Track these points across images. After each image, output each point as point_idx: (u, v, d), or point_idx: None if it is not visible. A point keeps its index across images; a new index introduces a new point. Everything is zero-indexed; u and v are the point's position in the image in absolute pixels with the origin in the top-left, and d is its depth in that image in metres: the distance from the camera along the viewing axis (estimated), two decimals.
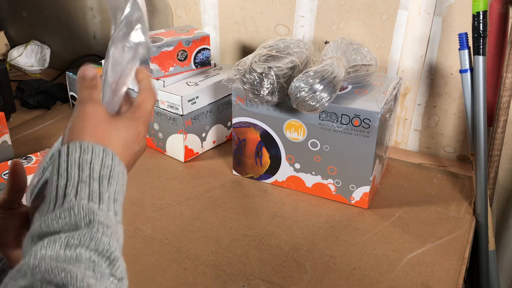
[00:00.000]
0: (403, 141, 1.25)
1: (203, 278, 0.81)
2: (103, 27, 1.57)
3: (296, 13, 1.23)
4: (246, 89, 0.93)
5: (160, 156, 1.17)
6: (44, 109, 1.41)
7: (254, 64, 0.92)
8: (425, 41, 1.11)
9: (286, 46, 0.96)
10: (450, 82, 1.13)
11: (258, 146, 1.04)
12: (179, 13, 1.41)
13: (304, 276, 0.82)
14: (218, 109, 1.17)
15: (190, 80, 1.17)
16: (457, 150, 1.19)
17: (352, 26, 1.18)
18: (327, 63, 0.89)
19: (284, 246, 0.88)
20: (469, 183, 1.08)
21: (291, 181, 1.04)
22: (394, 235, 0.92)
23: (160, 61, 1.12)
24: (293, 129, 0.98)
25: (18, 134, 1.26)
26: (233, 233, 0.91)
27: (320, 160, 0.98)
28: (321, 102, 0.86)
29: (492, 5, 0.96)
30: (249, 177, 1.09)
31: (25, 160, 1.03)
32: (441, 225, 0.94)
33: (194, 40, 1.16)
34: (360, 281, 0.81)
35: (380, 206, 1.00)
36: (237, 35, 1.35)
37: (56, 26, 1.66)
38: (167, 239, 0.89)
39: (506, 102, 0.95)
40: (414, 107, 1.19)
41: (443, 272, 0.83)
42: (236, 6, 1.31)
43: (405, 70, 1.16)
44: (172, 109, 1.10)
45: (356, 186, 0.97)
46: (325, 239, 0.90)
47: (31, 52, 1.64)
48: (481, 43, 0.90)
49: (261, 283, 0.80)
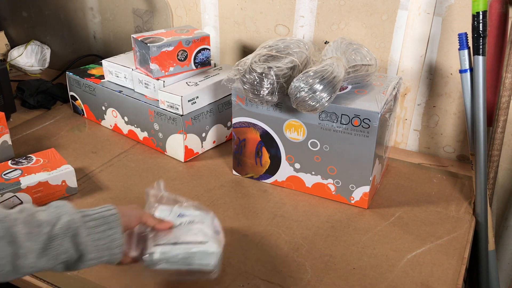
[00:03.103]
0: (403, 141, 1.25)
1: (203, 278, 0.81)
2: (103, 27, 1.57)
3: (296, 13, 1.23)
4: (246, 89, 0.93)
5: (160, 156, 1.17)
6: (44, 109, 1.41)
7: (254, 64, 0.92)
8: (425, 41, 1.11)
9: (286, 46, 0.96)
10: (450, 82, 1.13)
11: (258, 146, 1.04)
12: (179, 13, 1.41)
13: (304, 276, 0.82)
14: (218, 109, 1.17)
15: (190, 80, 1.17)
16: (457, 150, 1.19)
17: (352, 26, 1.18)
18: (327, 63, 0.89)
19: (284, 246, 0.89)
20: (469, 183, 1.09)
21: (291, 181, 1.04)
22: (394, 235, 0.92)
23: (160, 61, 1.12)
24: (293, 129, 0.98)
25: (18, 134, 1.26)
26: (233, 233, 0.91)
27: (320, 160, 0.98)
28: (321, 102, 0.87)
29: (492, 5, 0.96)
30: (249, 177, 1.09)
31: (25, 160, 1.03)
32: (441, 225, 0.95)
33: (194, 40, 1.16)
34: (360, 281, 0.81)
35: (380, 206, 1.00)
36: (237, 35, 1.35)
37: (56, 26, 1.66)
38: None
39: (506, 102, 0.95)
40: (414, 107, 1.19)
41: (443, 272, 0.83)
42: (236, 6, 1.31)
43: (405, 70, 1.16)
44: (172, 109, 1.10)
45: (356, 186, 0.97)
46: (325, 239, 0.90)
47: (31, 52, 1.64)
48: (481, 43, 0.90)
49: (261, 283, 0.80)
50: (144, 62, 1.15)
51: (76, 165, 1.11)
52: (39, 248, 0.57)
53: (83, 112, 1.35)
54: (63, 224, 0.59)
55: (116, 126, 1.27)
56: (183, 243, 0.70)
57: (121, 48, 1.55)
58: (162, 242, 0.70)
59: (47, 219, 0.59)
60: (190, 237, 0.71)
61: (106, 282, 0.80)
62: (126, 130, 1.25)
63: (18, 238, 0.55)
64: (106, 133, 1.28)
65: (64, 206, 0.62)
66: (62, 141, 1.23)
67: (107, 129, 1.30)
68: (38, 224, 0.58)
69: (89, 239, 0.61)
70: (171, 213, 0.76)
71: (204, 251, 0.70)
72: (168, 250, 0.69)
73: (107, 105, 1.26)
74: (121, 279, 0.80)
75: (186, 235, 0.72)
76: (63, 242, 0.59)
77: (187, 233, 0.72)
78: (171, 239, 0.71)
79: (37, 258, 0.57)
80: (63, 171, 1.00)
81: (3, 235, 0.55)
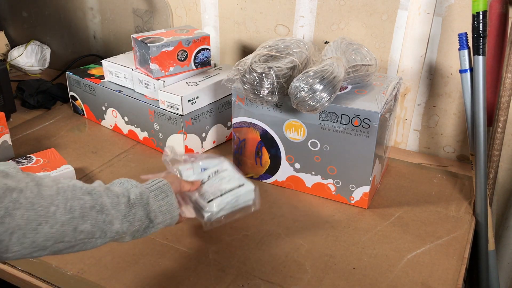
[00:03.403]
0: (403, 141, 1.25)
1: (203, 278, 0.81)
2: (103, 27, 1.57)
3: (296, 13, 1.23)
4: (246, 89, 0.93)
5: (160, 156, 1.17)
6: (44, 109, 1.41)
7: (254, 64, 0.92)
8: (425, 41, 1.11)
9: (286, 46, 0.96)
10: (450, 82, 1.13)
11: (258, 146, 1.04)
12: (179, 13, 1.41)
13: (304, 276, 0.82)
14: (218, 109, 1.17)
15: (190, 80, 1.17)
16: (457, 150, 1.19)
17: (352, 26, 1.18)
18: (327, 63, 0.90)
19: (284, 246, 0.89)
20: (469, 183, 1.09)
21: (291, 181, 1.04)
22: (394, 235, 0.92)
23: (160, 61, 1.12)
24: (293, 129, 0.98)
25: (18, 134, 1.26)
26: (233, 233, 0.91)
27: (320, 160, 0.98)
28: (321, 102, 0.87)
29: (492, 5, 0.96)
30: (249, 177, 1.09)
31: (25, 160, 1.03)
32: (441, 225, 0.95)
33: (194, 40, 1.16)
34: (360, 281, 0.81)
35: (380, 206, 1.00)
36: (237, 35, 1.35)
37: (56, 26, 1.66)
38: (167, 239, 0.89)
39: (506, 102, 0.95)
40: (414, 107, 1.19)
41: (443, 272, 0.83)
42: (236, 6, 1.31)
43: (405, 70, 1.16)
44: (172, 109, 1.10)
45: (356, 186, 0.97)
46: (325, 239, 0.90)
47: (31, 52, 1.64)
48: (481, 43, 0.90)
49: (261, 283, 0.80)
50: (144, 62, 1.15)
51: (76, 165, 1.11)
52: (122, 215, 0.65)
53: (83, 112, 1.35)
54: (136, 195, 0.68)
55: (116, 126, 1.27)
56: (227, 191, 0.84)
57: (121, 48, 1.55)
58: (212, 197, 0.83)
59: (121, 192, 0.67)
60: (229, 185, 0.85)
61: (106, 282, 0.80)
62: (126, 130, 1.25)
63: (105, 207, 0.63)
64: (106, 133, 1.28)
65: (128, 182, 0.71)
66: (62, 141, 1.23)
67: (107, 129, 1.30)
68: (116, 195, 0.66)
69: (156, 206, 0.71)
70: (194, 171, 0.89)
71: (245, 191, 0.85)
72: (220, 202, 0.82)
73: (107, 105, 1.26)
74: (121, 279, 0.80)
75: (224, 184, 0.86)
76: (138, 211, 0.68)
77: (222, 182, 0.86)
78: (216, 192, 0.84)
79: (120, 224, 0.65)
80: (63, 171, 1.00)
81: (93, 205, 0.62)
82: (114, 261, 0.84)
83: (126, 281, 0.80)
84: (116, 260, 0.84)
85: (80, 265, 0.83)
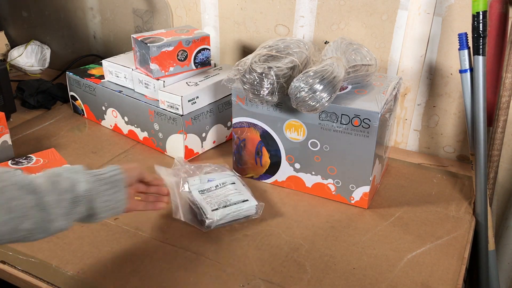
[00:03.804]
0: (403, 141, 1.25)
1: (203, 278, 0.81)
2: (103, 27, 1.57)
3: (296, 13, 1.23)
4: (246, 89, 0.93)
5: (160, 156, 1.17)
6: (44, 109, 1.41)
7: (254, 64, 0.92)
8: (425, 41, 1.11)
9: (286, 46, 0.96)
10: (450, 82, 1.13)
11: (258, 146, 1.04)
12: (179, 13, 1.41)
13: (304, 276, 0.82)
14: (218, 109, 1.17)
15: (190, 80, 1.17)
16: (457, 150, 1.19)
17: (352, 26, 1.18)
18: (327, 63, 0.90)
19: (284, 246, 0.89)
20: (469, 183, 1.09)
21: (291, 181, 1.04)
22: (394, 235, 0.92)
23: (160, 61, 1.12)
24: (293, 129, 0.98)
25: (18, 134, 1.26)
26: (233, 233, 0.91)
27: (320, 160, 0.98)
28: (321, 102, 0.87)
29: (492, 5, 0.96)
30: (249, 177, 1.09)
31: (25, 160, 1.03)
32: (441, 225, 0.95)
33: (194, 40, 1.16)
34: (360, 281, 0.81)
35: (380, 206, 1.00)
36: (237, 35, 1.35)
37: (56, 26, 1.66)
38: (167, 239, 0.89)
39: (506, 102, 0.95)
40: (414, 107, 1.19)
41: (443, 272, 0.83)
42: (236, 6, 1.31)
43: (405, 70, 1.16)
44: (172, 109, 1.10)
45: (356, 186, 0.97)
46: (325, 239, 0.90)
47: (31, 52, 1.64)
48: (481, 43, 0.90)
49: (261, 283, 0.80)
50: (144, 62, 1.15)
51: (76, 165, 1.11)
52: (65, 213, 0.66)
53: (83, 112, 1.35)
54: (84, 191, 0.69)
55: (116, 126, 1.27)
56: (231, 204, 0.93)
57: (121, 48, 1.55)
58: (216, 206, 0.92)
59: (68, 186, 0.67)
60: (234, 198, 0.94)
61: (106, 282, 0.80)
62: (126, 130, 1.25)
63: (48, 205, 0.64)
64: (106, 133, 1.28)
65: (79, 173, 0.71)
66: (62, 141, 1.23)
67: (107, 129, 1.30)
68: (62, 191, 0.66)
69: (101, 202, 0.71)
70: (200, 181, 0.97)
71: (248, 206, 0.93)
72: (222, 212, 0.90)
73: (107, 105, 1.26)
74: (121, 279, 0.80)
75: (229, 196, 0.94)
76: (82, 208, 0.69)
77: (228, 194, 0.95)
78: (221, 203, 0.92)
79: (63, 221, 0.66)
80: None
81: (36, 204, 0.63)
82: (114, 262, 0.84)
83: (126, 281, 0.80)
84: (116, 260, 0.84)
85: (80, 265, 0.83)
